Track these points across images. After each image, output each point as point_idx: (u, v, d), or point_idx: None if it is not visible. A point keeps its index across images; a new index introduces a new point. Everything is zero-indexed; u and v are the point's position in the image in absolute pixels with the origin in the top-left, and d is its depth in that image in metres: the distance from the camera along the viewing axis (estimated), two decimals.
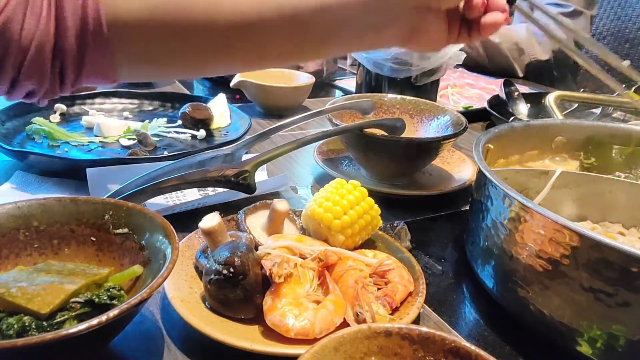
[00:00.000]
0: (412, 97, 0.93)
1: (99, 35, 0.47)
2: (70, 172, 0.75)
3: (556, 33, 0.60)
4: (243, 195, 0.68)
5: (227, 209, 0.72)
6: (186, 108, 0.98)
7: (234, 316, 0.49)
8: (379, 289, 0.52)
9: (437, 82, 1.09)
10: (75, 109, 1.02)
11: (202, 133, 0.96)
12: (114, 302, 0.44)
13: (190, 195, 0.73)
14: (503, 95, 1.21)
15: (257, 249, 0.52)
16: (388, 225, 0.66)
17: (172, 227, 0.48)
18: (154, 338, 0.49)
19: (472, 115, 1.16)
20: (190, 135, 0.96)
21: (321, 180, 0.83)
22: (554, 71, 1.67)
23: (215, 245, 0.53)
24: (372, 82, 1.09)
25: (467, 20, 0.60)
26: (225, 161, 0.75)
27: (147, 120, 0.98)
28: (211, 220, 0.53)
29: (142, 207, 0.51)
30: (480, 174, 0.61)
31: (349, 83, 1.43)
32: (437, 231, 0.73)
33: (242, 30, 0.52)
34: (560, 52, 1.67)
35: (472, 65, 1.64)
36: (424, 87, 1.05)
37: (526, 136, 0.75)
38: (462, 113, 0.89)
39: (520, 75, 1.65)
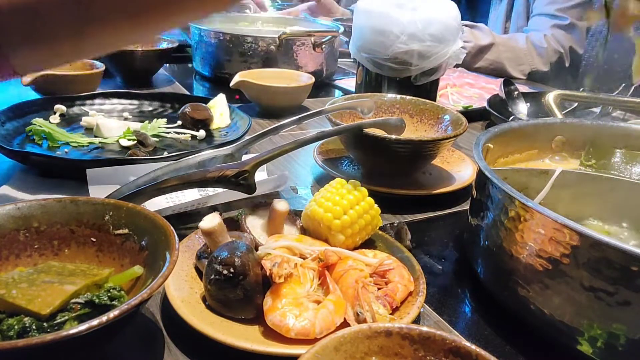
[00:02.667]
0: (411, 97, 0.93)
1: None
2: (70, 173, 0.75)
3: None
4: (243, 195, 0.68)
5: (227, 209, 0.72)
6: (186, 108, 0.98)
7: (234, 316, 0.49)
8: (379, 288, 0.52)
9: (436, 81, 1.09)
10: (75, 109, 1.02)
11: (201, 133, 0.96)
12: (114, 302, 0.44)
13: (190, 196, 0.73)
14: (503, 95, 1.21)
15: (257, 249, 0.52)
16: (388, 225, 0.66)
17: (172, 227, 0.48)
18: (154, 338, 0.49)
19: (472, 115, 1.16)
20: (190, 135, 0.96)
21: (321, 180, 0.84)
22: (554, 77, 1.67)
23: (215, 246, 0.53)
24: (371, 82, 1.09)
25: None
26: (225, 161, 0.75)
27: (147, 121, 0.98)
28: (211, 221, 0.53)
29: (142, 207, 0.51)
30: (480, 173, 0.61)
31: (349, 83, 1.43)
32: (437, 231, 0.73)
33: None
34: (559, 60, 1.68)
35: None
36: (423, 86, 1.05)
37: (526, 135, 0.75)
38: (462, 112, 0.89)
39: (523, 78, 1.65)
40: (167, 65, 1.56)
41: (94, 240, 0.51)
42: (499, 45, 1.63)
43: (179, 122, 0.99)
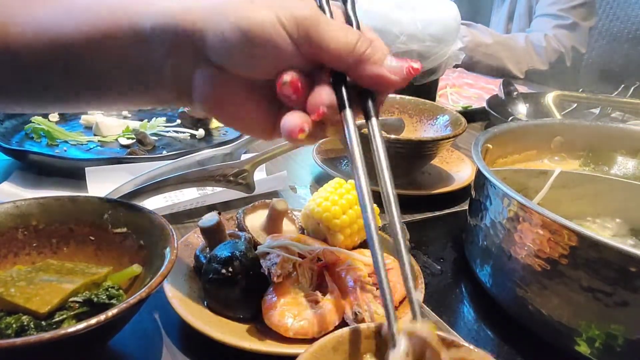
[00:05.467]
0: (411, 97, 0.93)
1: None
2: (69, 171, 0.75)
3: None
4: (242, 194, 0.68)
5: (226, 208, 0.72)
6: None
7: (233, 316, 0.49)
8: (377, 288, 0.52)
9: (436, 81, 1.09)
10: None
11: (201, 132, 0.96)
12: (113, 301, 0.44)
13: (189, 195, 0.73)
14: (502, 95, 1.21)
15: (256, 249, 0.52)
16: (387, 225, 0.66)
17: (170, 226, 0.48)
18: (152, 337, 0.49)
19: (471, 115, 1.16)
20: (189, 134, 0.96)
21: (320, 180, 0.84)
22: (554, 77, 1.67)
23: (214, 245, 0.52)
24: None
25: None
26: (224, 160, 0.75)
27: (146, 120, 0.98)
28: (210, 220, 0.53)
29: (141, 206, 0.51)
30: (479, 173, 0.61)
31: None
32: (436, 231, 0.73)
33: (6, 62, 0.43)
34: (559, 60, 1.68)
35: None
36: (423, 86, 1.05)
37: (525, 136, 0.75)
38: (461, 113, 0.89)
39: (522, 77, 1.65)
40: None
41: (93, 238, 0.51)
42: (497, 44, 1.63)
43: (178, 121, 0.99)
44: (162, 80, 0.42)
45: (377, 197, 0.60)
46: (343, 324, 0.47)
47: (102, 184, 0.68)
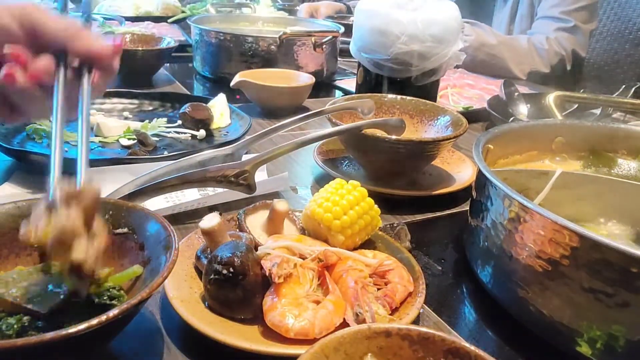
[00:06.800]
0: (412, 98, 0.93)
1: None
2: (70, 172, 0.75)
3: None
4: (243, 195, 0.68)
5: (227, 209, 0.73)
6: (186, 108, 0.98)
7: (234, 316, 0.49)
8: (378, 289, 0.52)
9: (437, 82, 1.09)
10: None
11: (202, 133, 0.96)
12: (114, 302, 0.44)
13: (190, 195, 0.73)
14: (503, 96, 1.21)
15: (257, 249, 0.52)
16: (388, 226, 0.66)
17: (172, 227, 0.48)
18: (153, 338, 0.49)
19: (472, 116, 1.16)
20: (190, 135, 0.96)
21: (321, 181, 0.84)
22: (555, 78, 1.66)
23: (215, 246, 0.53)
24: (372, 82, 1.09)
25: None
26: (225, 161, 0.75)
27: (147, 120, 0.98)
28: (211, 220, 0.53)
29: (142, 207, 0.51)
30: (480, 174, 0.61)
31: (349, 83, 1.43)
32: (437, 231, 0.73)
33: None
34: (560, 63, 1.68)
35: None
36: (423, 87, 1.05)
37: (526, 136, 0.75)
38: (462, 113, 0.89)
39: (523, 78, 1.64)
40: (168, 64, 1.56)
41: None
42: (500, 44, 1.62)
43: (179, 122, 0.99)
44: None
45: (378, 197, 0.61)
46: (344, 324, 0.47)
47: (103, 184, 0.68)
